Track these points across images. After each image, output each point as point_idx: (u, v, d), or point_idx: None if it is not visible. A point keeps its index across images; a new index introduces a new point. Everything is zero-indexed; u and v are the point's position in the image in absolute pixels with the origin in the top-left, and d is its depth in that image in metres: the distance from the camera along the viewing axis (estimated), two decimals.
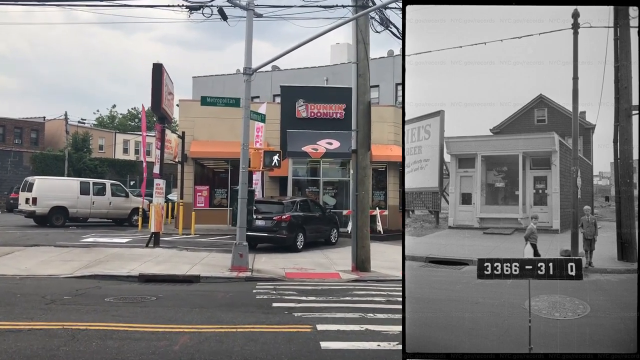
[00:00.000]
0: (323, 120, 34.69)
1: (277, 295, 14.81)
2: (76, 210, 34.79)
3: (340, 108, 34.48)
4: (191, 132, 34.88)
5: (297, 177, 34.66)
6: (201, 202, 35.03)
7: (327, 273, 19.04)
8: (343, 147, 32.95)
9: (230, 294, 14.94)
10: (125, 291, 15.09)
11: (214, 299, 14.42)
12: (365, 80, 19.49)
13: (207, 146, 34.41)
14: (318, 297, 14.65)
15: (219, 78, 59.38)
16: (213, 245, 26.36)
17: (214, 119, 34.23)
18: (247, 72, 19.27)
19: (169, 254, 22.35)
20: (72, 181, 37.69)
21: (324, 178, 35.00)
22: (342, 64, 54.28)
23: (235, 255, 18.80)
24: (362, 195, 19.44)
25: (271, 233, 24.22)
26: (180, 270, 18.44)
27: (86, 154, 69.54)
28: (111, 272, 17.93)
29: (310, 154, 32.96)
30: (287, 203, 25.61)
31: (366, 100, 19.50)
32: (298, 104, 34.61)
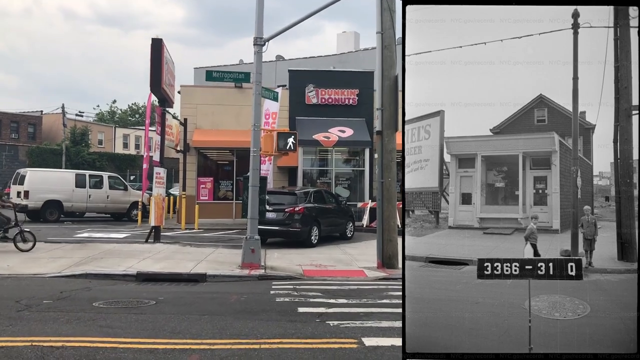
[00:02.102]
0: (335, 107, 35.14)
1: (299, 297, 13.90)
2: (71, 205, 35.40)
3: (353, 93, 34.87)
4: (194, 120, 35.40)
5: (308, 168, 35.11)
6: (205, 195, 35.56)
7: (350, 270, 18.73)
8: (356, 135, 33.40)
9: (245, 297, 13.98)
10: (119, 293, 14.27)
11: (225, 302, 13.29)
12: (391, 52, 19.08)
13: (211, 135, 34.75)
14: (349, 299, 13.74)
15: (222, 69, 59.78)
16: (219, 241, 26.60)
17: (217, 106, 34.73)
18: (258, 43, 18.83)
19: (170, 249, 22.33)
20: (67, 173, 38.29)
21: (336, 169, 35.51)
22: (350, 53, 54.98)
23: (247, 250, 18.44)
24: (388, 183, 19.02)
25: (283, 226, 24.16)
26: (184, 268, 18.03)
27: (84, 148, 71.17)
28: (105, 270, 17.45)
29: (321, 142, 33.41)
30: (300, 194, 25.63)
31: (392, 74, 19.04)
32: (308, 89, 35.01)
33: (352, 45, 60.63)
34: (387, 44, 19.10)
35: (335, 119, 34.63)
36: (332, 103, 35.20)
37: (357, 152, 35.26)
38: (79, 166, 62.29)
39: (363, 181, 34.97)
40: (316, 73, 37.50)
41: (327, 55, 58.08)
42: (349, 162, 36.23)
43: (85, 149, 71.30)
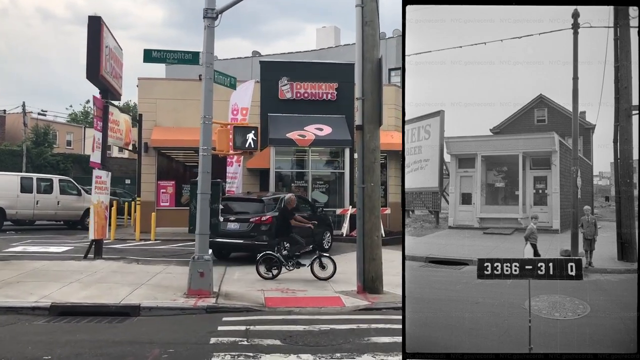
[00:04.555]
0: (311, 102, 35.16)
1: (248, 351, 11.46)
2: (16, 212, 35.01)
3: (331, 87, 35.01)
4: (153, 116, 35.20)
5: (281, 170, 34.92)
6: (166, 201, 35.42)
7: (324, 298, 16.83)
8: (335, 133, 33.17)
9: (172, 350, 11.56)
10: (2, 343, 12.12)
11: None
12: (374, 30, 17.48)
13: (172, 133, 34.47)
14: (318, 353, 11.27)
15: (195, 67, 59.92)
16: (174, 255, 25.54)
17: (180, 101, 34.42)
18: (208, 15, 17.06)
19: (111, 268, 20.93)
20: (11, 176, 37.46)
21: (313, 171, 35.40)
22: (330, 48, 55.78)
23: (194, 274, 16.51)
24: (370, 188, 17.31)
25: (248, 239, 22.95)
26: (116, 296, 16.12)
27: (48, 149, 70.92)
28: (10, 301, 15.36)
29: (296, 141, 33.17)
30: (269, 201, 24.54)
31: (375, 56, 17.41)
32: (281, 82, 35.01)
33: (332, 40, 61.55)
34: (368, 20, 17.40)
35: (312, 116, 34.72)
36: (309, 98, 35.30)
37: (337, 152, 35.41)
38: (41, 168, 62.14)
39: (343, 185, 35.16)
40: (290, 65, 37.65)
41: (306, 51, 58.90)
42: (328, 163, 36.36)
43: (49, 150, 71.26)
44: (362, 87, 17.47)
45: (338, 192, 35.32)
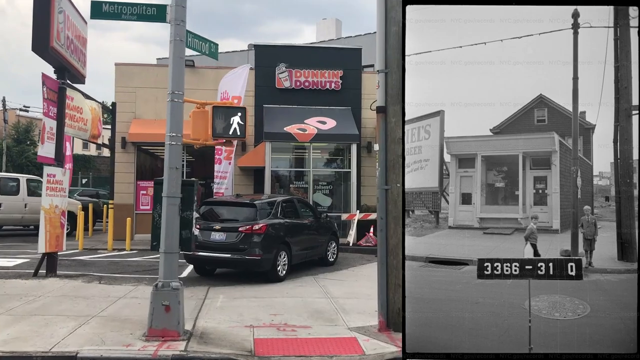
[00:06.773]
0: (313, 92, 35.02)
1: None
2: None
3: (335, 75, 34.92)
4: (132, 107, 35.10)
5: (278, 169, 34.73)
6: (146, 204, 34.80)
7: (334, 339, 13.15)
8: (340, 127, 33.01)
9: None
10: None
11: None
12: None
13: (154, 127, 33.58)
14: None
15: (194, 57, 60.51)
16: (148, 270, 23.11)
17: (162, 90, 32.92)
18: None
19: (62, 290, 18.08)
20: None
21: (314, 170, 35.10)
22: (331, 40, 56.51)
23: (156, 308, 13.03)
24: (395, 191, 13.74)
25: (237, 253, 20.67)
26: (50, 336, 12.75)
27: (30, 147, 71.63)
28: None
29: (296, 136, 32.63)
30: (262, 205, 22.39)
31: (399, 18, 13.48)
32: (279, 69, 34.88)
33: (333, 33, 62.25)
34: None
35: (313, 108, 34.49)
36: (310, 87, 35.05)
37: (342, 149, 35.13)
38: (22, 168, 63.00)
39: (349, 186, 34.95)
40: (289, 50, 36.97)
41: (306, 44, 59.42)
42: (332, 161, 36.08)
43: (31, 148, 71.77)
44: (384, 57, 14.60)
45: (343, 195, 35.03)
